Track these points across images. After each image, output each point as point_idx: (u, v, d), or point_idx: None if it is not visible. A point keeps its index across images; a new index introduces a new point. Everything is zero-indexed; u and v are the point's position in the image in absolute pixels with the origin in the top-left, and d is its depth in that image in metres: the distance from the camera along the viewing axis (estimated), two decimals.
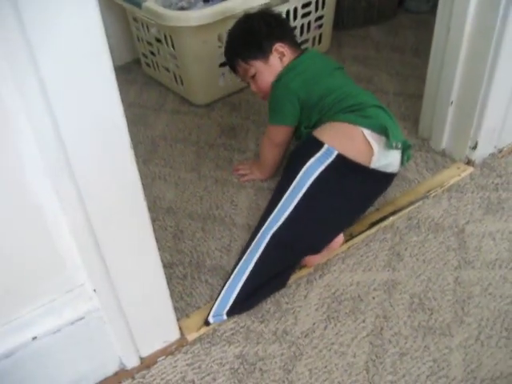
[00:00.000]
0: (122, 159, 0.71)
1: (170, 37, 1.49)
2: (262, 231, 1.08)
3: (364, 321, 1.02)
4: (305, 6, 1.64)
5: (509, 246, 1.14)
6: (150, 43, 1.63)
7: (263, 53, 1.24)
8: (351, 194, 1.13)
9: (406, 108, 1.56)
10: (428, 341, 0.98)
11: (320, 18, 1.73)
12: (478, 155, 1.33)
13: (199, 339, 1.00)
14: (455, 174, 1.32)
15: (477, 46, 1.19)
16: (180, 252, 1.17)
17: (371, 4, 1.98)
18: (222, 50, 1.49)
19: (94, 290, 0.81)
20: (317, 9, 1.68)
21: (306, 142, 1.14)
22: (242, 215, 1.25)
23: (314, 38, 1.78)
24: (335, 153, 1.07)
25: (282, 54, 1.24)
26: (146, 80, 1.77)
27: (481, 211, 1.23)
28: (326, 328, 1.01)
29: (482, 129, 1.28)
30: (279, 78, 1.22)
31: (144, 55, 1.72)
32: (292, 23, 1.62)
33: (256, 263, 1.05)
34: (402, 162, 1.19)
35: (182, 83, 1.60)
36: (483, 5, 1.15)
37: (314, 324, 1.02)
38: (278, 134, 1.25)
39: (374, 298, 1.06)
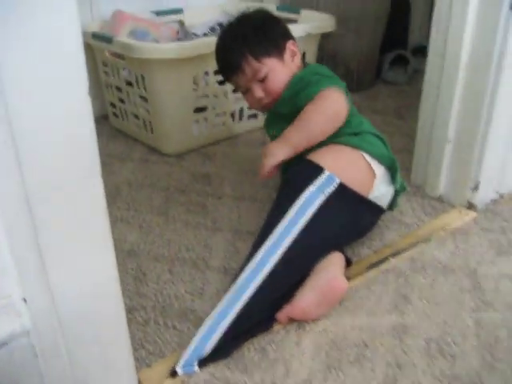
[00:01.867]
0: None
1: (142, 77, 1.38)
2: (252, 268, 0.89)
3: (373, 370, 0.81)
4: None
5: None
6: (119, 89, 1.51)
7: (279, 50, 1.09)
8: (346, 226, 0.99)
9: None
10: None
11: None
12: (480, 199, 1.20)
13: None
14: (457, 218, 1.18)
15: (475, 75, 1.11)
16: (142, 296, 0.96)
17: (349, 71, 1.94)
18: (197, 93, 1.39)
19: (24, 300, 0.59)
20: None
21: (303, 167, 0.99)
22: (218, 258, 1.06)
23: None
24: (337, 181, 0.94)
25: (294, 53, 1.11)
26: (113, 133, 1.63)
27: (491, 253, 1.07)
28: (326, 379, 0.80)
29: (484, 167, 1.16)
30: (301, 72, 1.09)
31: (112, 105, 1.59)
32: None
33: (244, 306, 0.86)
34: (392, 204, 1.07)
35: (152, 131, 1.47)
36: (480, 32, 1.07)
37: (310, 375, 0.81)
38: (341, 99, 1.01)
39: (382, 343, 0.86)
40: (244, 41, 1.08)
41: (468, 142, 1.16)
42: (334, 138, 1.01)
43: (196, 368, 0.81)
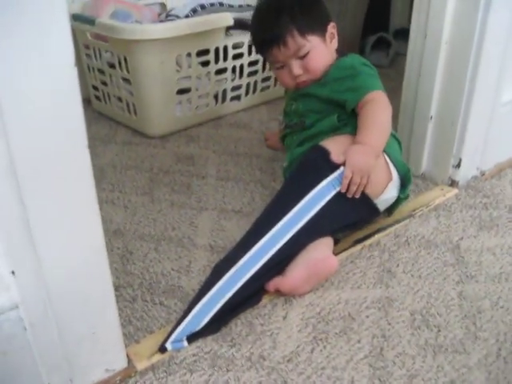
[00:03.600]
0: None
1: (125, 59, 1.36)
2: (255, 250, 0.89)
3: (359, 341, 0.82)
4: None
5: (511, 260, 1.00)
6: (101, 71, 1.49)
7: (322, 29, 1.04)
8: (347, 221, 0.99)
9: None
10: (440, 360, 0.79)
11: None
12: (462, 175, 1.22)
13: (152, 368, 0.78)
14: (439, 195, 1.20)
15: (456, 52, 1.12)
16: (129, 274, 0.97)
17: None
18: (180, 74, 1.39)
19: (13, 273, 0.59)
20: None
21: (318, 156, 0.96)
22: (203, 236, 1.06)
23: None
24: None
25: (333, 36, 1.07)
26: (96, 116, 1.61)
27: (474, 228, 1.09)
28: (313, 351, 0.81)
29: (466, 144, 1.18)
30: (349, 56, 1.08)
31: (94, 87, 1.57)
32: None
33: (240, 288, 0.86)
34: (391, 208, 1.08)
35: (136, 113, 1.46)
36: (461, 10, 1.08)
37: (297, 347, 0.81)
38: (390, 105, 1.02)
39: (367, 316, 0.87)
40: (290, 13, 1.01)
41: (450, 120, 1.17)
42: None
43: (185, 343, 0.81)
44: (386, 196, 1.01)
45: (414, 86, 1.21)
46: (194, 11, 1.55)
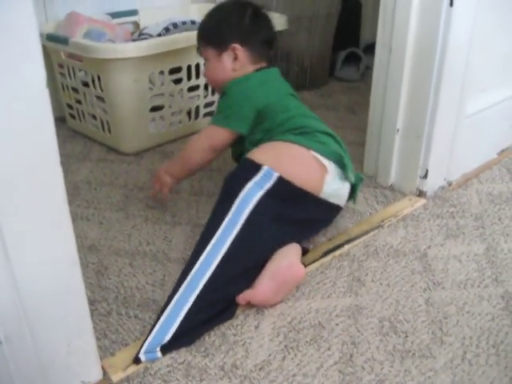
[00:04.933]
0: None
1: (98, 77, 1.38)
2: (201, 260, 0.92)
3: (329, 348, 0.85)
4: None
5: (477, 267, 1.03)
6: (75, 90, 1.51)
7: (220, 45, 1.14)
8: (293, 222, 1.01)
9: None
10: (407, 364, 0.81)
11: None
12: (429, 186, 1.26)
13: (127, 379, 0.79)
14: (408, 205, 1.23)
15: (420, 66, 1.16)
16: (104, 288, 0.98)
17: (303, 70, 1.98)
18: (153, 92, 1.41)
19: None
20: None
21: (241, 165, 1.02)
22: (177, 250, 1.08)
23: None
24: (275, 175, 0.96)
25: (235, 57, 1.13)
26: (70, 134, 1.62)
27: (441, 237, 1.12)
28: (284, 359, 0.83)
29: (432, 155, 1.22)
30: (239, 82, 1.12)
31: (69, 106, 1.59)
32: None
33: (199, 295, 0.89)
34: (352, 196, 1.10)
35: (110, 130, 1.47)
36: (423, 26, 1.13)
37: (269, 355, 0.83)
38: (218, 137, 1.12)
39: (337, 324, 0.90)
40: (204, 21, 1.19)
41: (416, 133, 1.21)
42: (281, 135, 1.04)
43: (159, 354, 0.83)
44: (328, 190, 1.02)
45: (380, 100, 1.25)
46: (167, 30, 1.57)
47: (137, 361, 0.82)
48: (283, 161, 0.99)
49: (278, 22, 1.61)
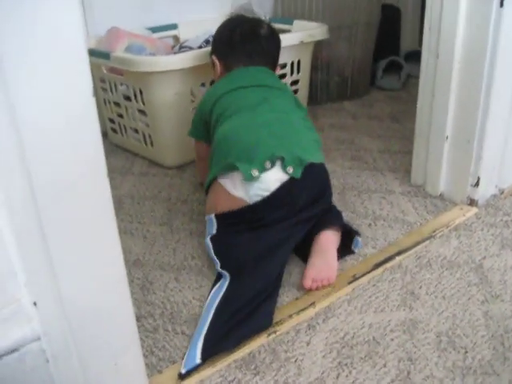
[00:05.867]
0: None
1: (140, 91, 1.39)
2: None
3: (385, 365, 0.81)
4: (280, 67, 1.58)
5: None
6: (117, 104, 1.52)
7: (210, 56, 1.27)
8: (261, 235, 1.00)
9: (393, 162, 1.46)
10: (469, 382, 0.77)
11: (295, 82, 1.66)
12: (481, 194, 1.21)
13: None
14: (459, 215, 1.18)
15: (469, 71, 1.12)
16: (149, 304, 0.96)
17: (344, 79, 1.96)
18: (195, 104, 1.40)
19: (35, 304, 0.59)
20: (292, 72, 1.62)
21: None
22: None
23: None
24: (212, 216, 1.03)
25: (213, 64, 1.25)
26: (112, 148, 1.63)
27: (496, 247, 1.07)
28: (338, 377, 0.79)
29: (483, 162, 1.17)
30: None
31: (111, 120, 1.60)
32: None
33: (222, 298, 0.92)
34: (290, 173, 0.99)
35: (152, 144, 1.47)
36: (472, 29, 1.09)
37: (322, 373, 0.80)
38: (197, 148, 1.27)
39: (392, 339, 0.86)
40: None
41: (466, 139, 1.17)
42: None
43: (199, 361, 0.81)
44: (251, 192, 0.98)
45: (428, 107, 1.21)
46: (207, 42, 1.57)
47: (181, 376, 0.79)
48: (211, 205, 1.05)
49: (319, 31, 1.59)
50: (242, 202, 0.99)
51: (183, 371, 0.80)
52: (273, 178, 0.98)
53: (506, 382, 0.77)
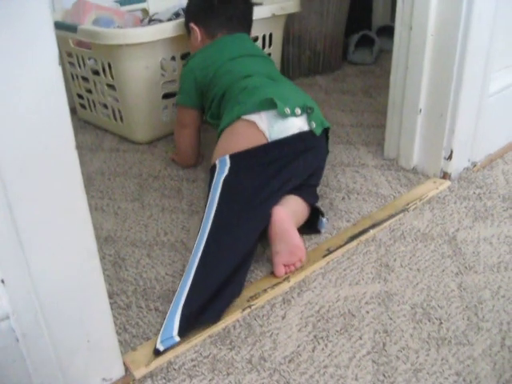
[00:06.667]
0: None
1: (109, 65, 1.34)
2: (195, 246, 0.92)
3: (361, 337, 0.81)
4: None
5: (509, 249, 0.99)
6: (85, 79, 1.47)
7: (186, 25, 1.28)
8: (272, 175, 0.98)
9: (366, 136, 1.45)
10: (444, 352, 0.77)
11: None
12: (454, 167, 1.21)
13: (150, 375, 0.76)
14: (432, 188, 1.19)
15: (442, 44, 1.11)
16: (122, 280, 0.94)
17: (316, 54, 1.94)
18: (165, 78, 1.37)
19: (2, 282, 0.57)
20: (264, 46, 1.59)
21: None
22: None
23: None
24: (227, 157, 0.99)
25: (195, 34, 1.24)
26: (81, 125, 1.59)
27: (469, 219, 1.08)
28: (314, 350, 0.79)
29: (456, 136, 1.17)
30: (189, 59, 1.23)
31: (79, 96, 1.55)
32: None
33: (195, 272, 0.87)
34: (312, 127, 1.03)
35: (122, 119, 1.44)
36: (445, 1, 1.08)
37: (298, 347, 0.80)
38: (183, 116, 1.25)
39: (367, 312, 0.86)
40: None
41: (439, 112, 1.17)
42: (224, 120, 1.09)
43: (177, 338, 0.79)
44: (273, 131, 1.00)
45: (401, 80, 1.20)
46: (177, 15, 1.53)
47: (156, 352, 0.78)
48: (224, 147, 1.03)
49: (291, 4, 1.56)
50: (262, 137, 1.00)
51: (161, 348, 0.78)
52: (296, 124, 1.02)
53: (480, 352, 0.77)
